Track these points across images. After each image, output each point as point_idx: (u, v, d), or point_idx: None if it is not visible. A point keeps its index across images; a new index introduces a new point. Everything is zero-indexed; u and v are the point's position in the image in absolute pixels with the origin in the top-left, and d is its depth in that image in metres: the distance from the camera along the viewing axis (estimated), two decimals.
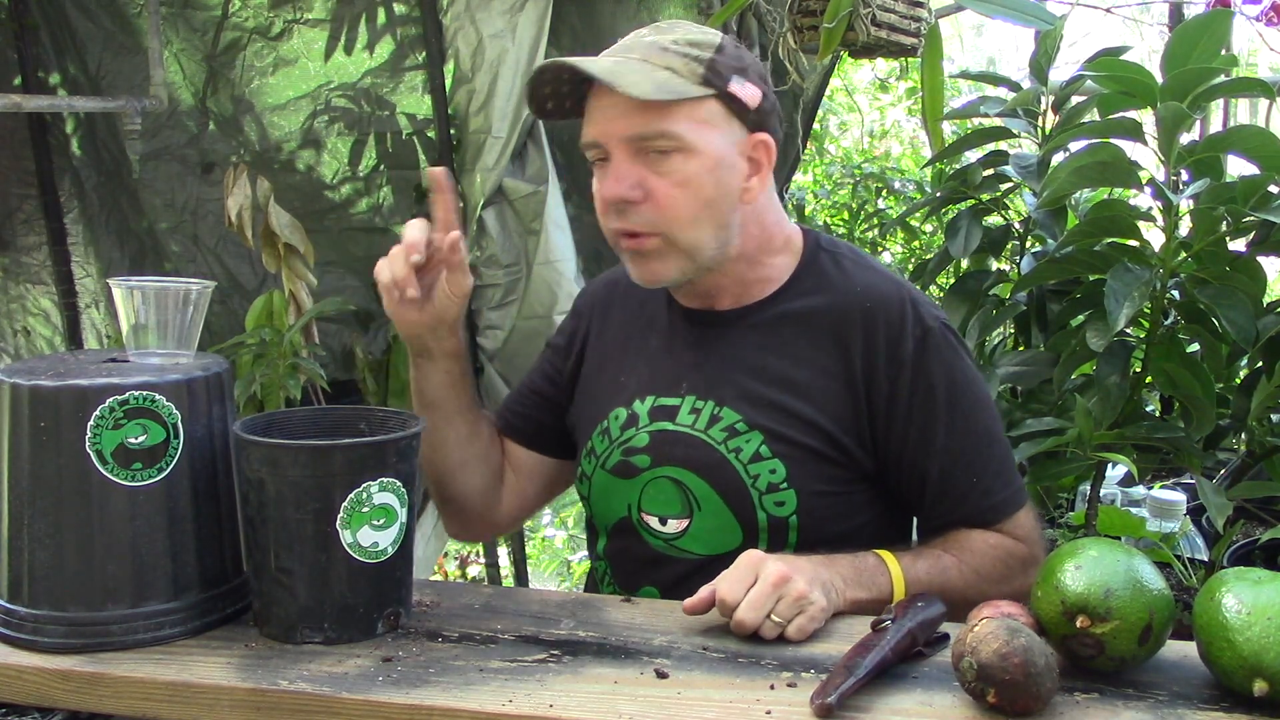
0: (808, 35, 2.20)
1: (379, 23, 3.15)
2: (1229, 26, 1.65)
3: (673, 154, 1.32)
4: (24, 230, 3.54)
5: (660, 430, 1.43)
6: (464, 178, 3.01)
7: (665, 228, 1.34)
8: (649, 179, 1.33)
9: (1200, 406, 1.63)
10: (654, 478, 1.43)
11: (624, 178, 1.33)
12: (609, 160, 1.35)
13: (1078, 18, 3.02)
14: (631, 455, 1.44)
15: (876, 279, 1.43)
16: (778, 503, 1.37)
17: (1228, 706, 1.02)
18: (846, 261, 1.46)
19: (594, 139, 1.35)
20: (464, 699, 1.03)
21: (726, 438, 1.39)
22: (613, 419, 1.47)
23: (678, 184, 1.33)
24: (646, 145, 1.32)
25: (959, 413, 1.38)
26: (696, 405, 1.42)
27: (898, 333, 1.38)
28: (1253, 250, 1.66)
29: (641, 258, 1.37)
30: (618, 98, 1.30)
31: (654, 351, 1.49)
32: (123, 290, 1.22)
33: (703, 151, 1.33)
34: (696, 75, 1.33)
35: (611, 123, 1.33)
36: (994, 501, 1.38)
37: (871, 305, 1.39)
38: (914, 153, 5.02)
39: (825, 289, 1.43)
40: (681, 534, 1.41)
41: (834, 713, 1.00)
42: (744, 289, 1.44)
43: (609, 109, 1.33)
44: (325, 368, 2.72)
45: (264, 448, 1.14)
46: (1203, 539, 2.21)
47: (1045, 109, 1.95)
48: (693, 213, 1.34)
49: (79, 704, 1.11)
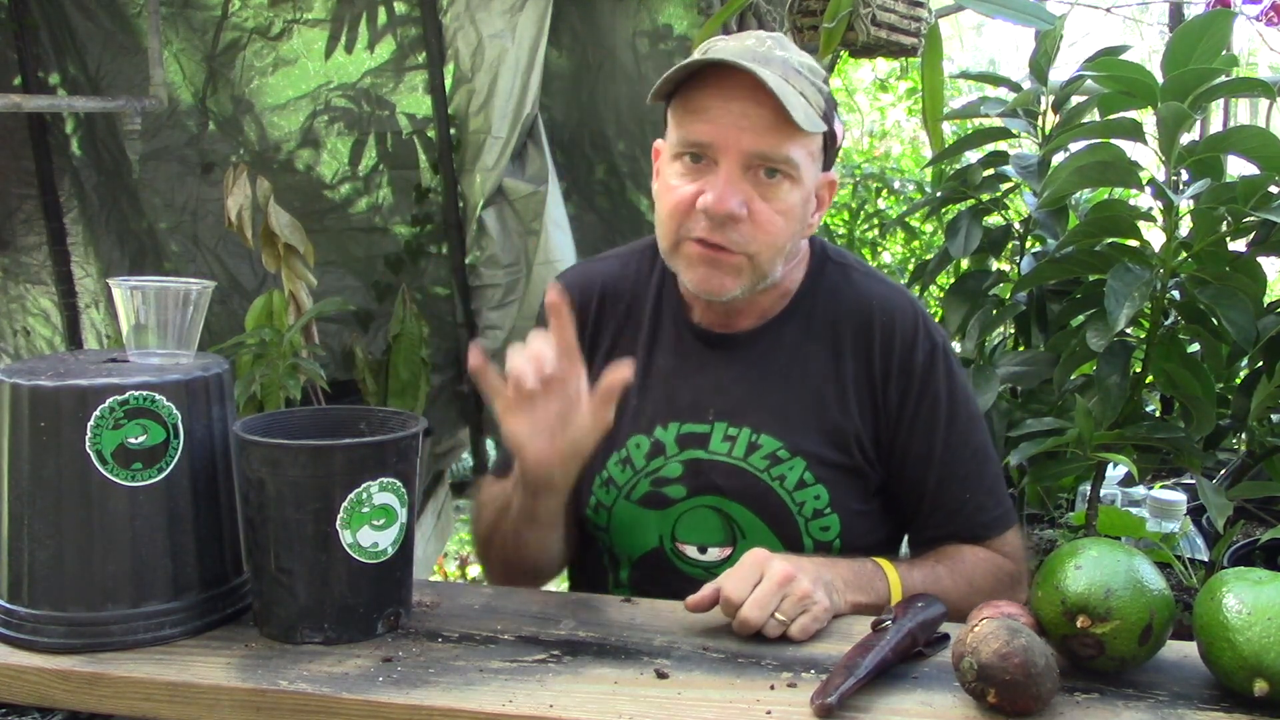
0: (808, 35, 2.20)
1: (379, 23, 3.15)
2: (1229, 26, 1.65)
3: (783, 180, 1.30)
4: (24, 230, 3.54)
5: (694, 459, 1.40)
6: (464, 178, 3.01)
7: (756, 250, 1.31)
8: (753, 199, 1.29)
9: (1200, 406, 1.63)
10: (691, 508, 1.40)
11: (736, 192, 1.28)
12: (716, 167, 1.29)
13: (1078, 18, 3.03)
14: (664, 486, 1.41)
15: (889, 291, 1.44)
16: (823, 528, 1.38)
17: (1228, 707, 1.02)
18: (856, 274, 1.46)
19: (710, 140, 1.28)
20: (464, 699, 1.03)
21: (769, 465, 1.38)
22: (633, 447, 1.42)
23: (780, 211, 1.31)
24: (763, 165, 1.29)
25: (957, 428, 1.40)
26: (730, 433, 1.40)
27: (910, 345, 1.39)
28: (1253, 250, 1.66)
29: (715, 269, 1.32)
30: (754, 109, 1.26)
31: (666, 373, 1.44)
32: (123, 290, 1.22)
33: (804, 184, 1.33)
34: (820, 109, 1.31)
35: (742, 133, 1.27)
36: (986, 519, 1.40)
37: (887, 318, 1.40)
38: (914, 152, 5.02)
39: (840, 302, 1.43)
40: (723, 562, 1.40)
41: (834, 713, 1.00)
42: (764, 310, 1.43)
43: (742, 118, 1.27)
44: (325, 368, 2.72)
45: (264, 448, 1.14)
46: (1203, 539, 2.21)
47: (1045, 109, 1.95)
48: (783, 241, 1.33)
49: (79, 704, 1.11)
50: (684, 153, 1.31)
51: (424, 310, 3.16)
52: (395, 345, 3.01)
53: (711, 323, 1.43)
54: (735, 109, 1.27)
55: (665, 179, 1.35)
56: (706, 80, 1.29)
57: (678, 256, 1.35)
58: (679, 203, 1.31)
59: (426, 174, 3.25)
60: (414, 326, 2.99)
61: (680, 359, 1.44)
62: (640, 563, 1.44)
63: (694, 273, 1.33)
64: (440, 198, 3.22)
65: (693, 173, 1.31)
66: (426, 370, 3.01)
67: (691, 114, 1.30)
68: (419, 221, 3.29)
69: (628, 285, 1.49)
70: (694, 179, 1.30)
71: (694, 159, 1.30)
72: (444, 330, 3.27)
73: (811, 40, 2.19)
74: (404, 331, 2.99)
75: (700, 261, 1.32)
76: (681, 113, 1.32)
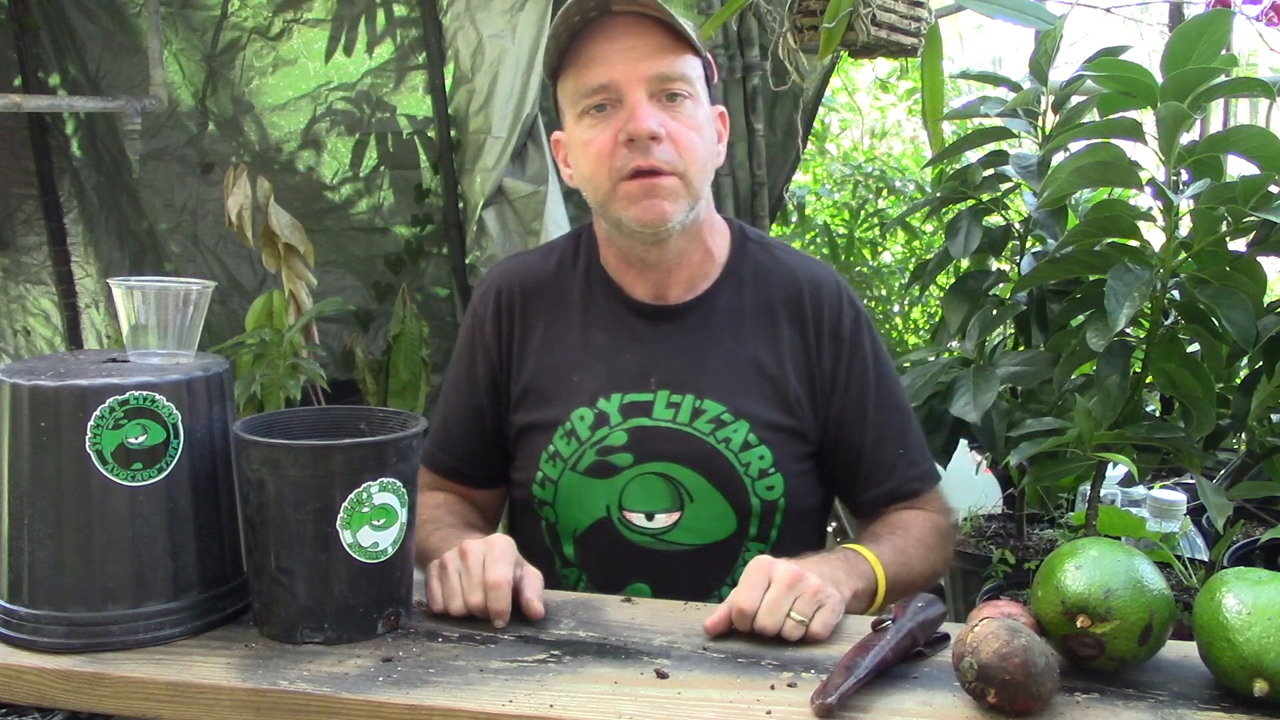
0: (808, 35, 2.19)
1: (379, 23, 3.15)
2: (1229, 26, 1.65)
3: (685, 100, 1.38)
4: (24, 230, 3.54)
5: (638, 427, 1.44)
6: (464, 178, 3.01)
7: (684, 168, 1.37)
8: (666, 121, 1.36)
9: (1200, 406, 1.63)
10: (638, 474, 1.44)
11: (650, 114, 1.35)
12: (621, 105, 1.36)
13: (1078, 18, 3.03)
14: (610, 455, 1.44)
15: (812, 264, 1.54)
16: (768, 487, 1.43)
17: (1228, 707, 1.02)
18: (778, 250, 1.54)
19: (609, 80, 1.35)
20: (464, 699, 1.03)
21: (714, 429, 1.43)
22: (577, 420, 1.46)
23: (691, 128, 1.38)
24: (665, 89, 1.36)
25: (885, 389, 1.49)
26: (673, 400, 1.44)
27: (837, 312, 1.49)
28: (1253, 250, 1.66)
29: (656, 195, 1.37)
30: (637, 40, 1.34)
31: (606, 348, 1.48)
32: (123, 290, 1.22)
33: (703, 103, 1.41)
34: (694, 35, 1.38)
35: (634, 64, 1.35)
36: (918, 473, 1.49)
37: (814, 288, 1.49)
38: (915, 152, 5.02)
39: (768, 274, 1.50)
40: (671, 527, 1.44)
41: (834, 713, 1.00)
42: (694, 274, 1.48)
43: (630, 51, 1.35)
44: (325, 368, 2.72)
45: (264, 448, 1.14)
46: (1203, 539, 2.21)
47: (1045, 109, 1.95)
48: (703, 157, 1.40)
49: (79, 704, 1.11)
50: (589, 106, 1.38)
51: (424, 310, 3.16)
52: (395, 345, 3.01)
53: (645, 294, 1.48)
54: (622, 45, 1.35)
55: (578, 141, 1.40)
56: (585, 37, 1.37)
57: (615, 199, 1.39)
58: (601, 148, 1.37)
59: (427, 174, 3.25)
60: (414, 326, 3.00)
61: (618, 334, 1.48)
62: (586, 535, 1.46)
63: (635, 207, 1.38)
64: (440, 199, 3.23)
65: (602, 121, 1.37)
66: (426, 370, 3.01)
67: (585, 67, 1.37)
68: (419, 222, 3.29)
69: (552, 273, 1.54)
70: (605, 124, 1.37)
71: (599, 109, 1.37)
72: (444, 330, 3.27)
73: (811, 40, 2.19)
74: (404, 331, 2.99)
75: (640, 194, 1.37)
76: (574, 72, 1.38)
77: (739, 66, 2.94)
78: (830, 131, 4.92)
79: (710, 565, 1.45)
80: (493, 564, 1.20)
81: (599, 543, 1.44)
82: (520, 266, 1.57)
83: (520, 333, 1.52)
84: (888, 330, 3.97)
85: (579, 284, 1.52)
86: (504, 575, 1.19)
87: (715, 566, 1.45)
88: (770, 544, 1.46)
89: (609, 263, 1.51)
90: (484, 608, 1.19)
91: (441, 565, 1.24)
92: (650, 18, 1.36)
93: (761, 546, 1.45)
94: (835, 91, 4.81)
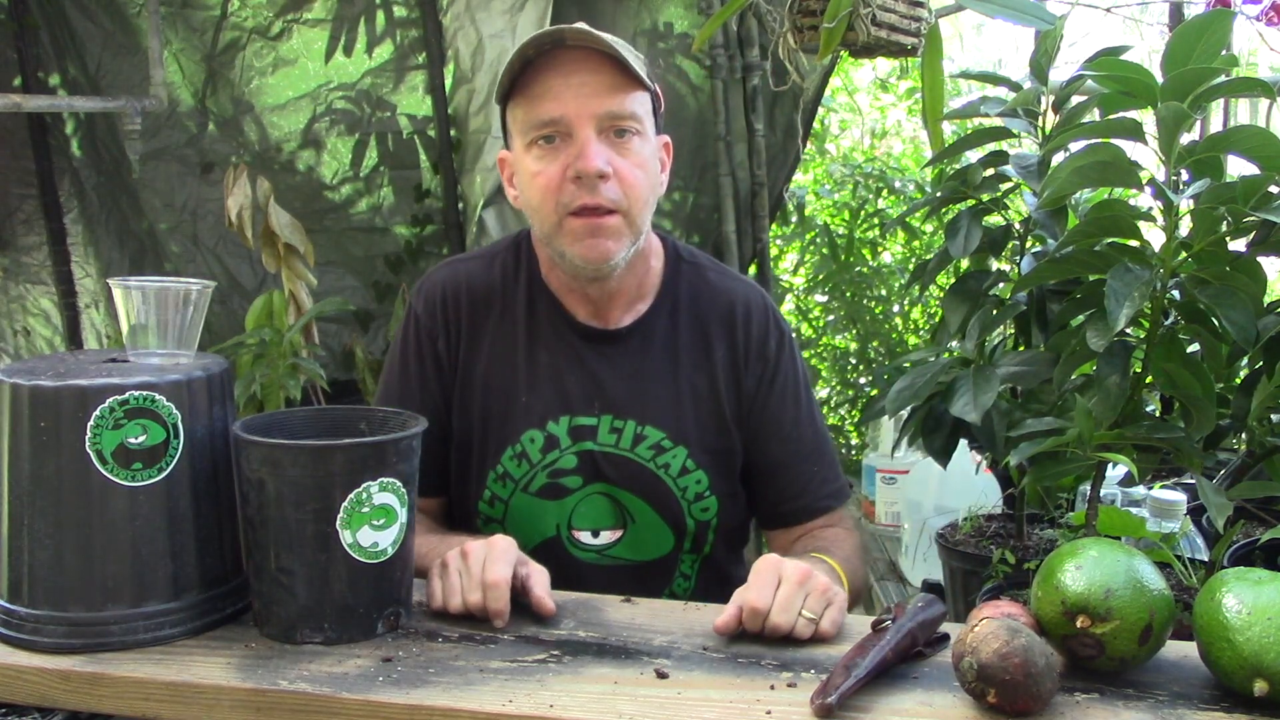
0: (808, 35, 2.19)
1: (379, 23, 3.15)
2: (1229, 26, 1.65)
3: (633, 136, 1.38)
4: (24, 230, 3.54)
5: (585, 450, 1.47)
6: (464, 178, 3.01)
7: (628, 206, 1.38)
8: (614, 158, 1.37)
9: (1200, 406, 1.63)
10: (586, 495, 1.48)
11: (598, 152, 1.35)
12: (571, 139, 1.36)
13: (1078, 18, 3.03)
14: (560, 477, 1.48)
15: (743, 287, 1.57)
16: (704, 509, 1.49)
17: (1228, 707, 1.02)
18: (711, 273, 1.56)
19: (559, 115, 1.36)
20: (464, 699, 1.03)
21: (654, 455, 1.48)
22: (527, 442, 1.48)
23: (638, 164, 1.39)
24: (613, 125, 1.36)
25: (804, 408, 1.54)
26: (615, 425, 1.48)
27: (764, 333, 1.52)
28: (1253, 250, 1.65)
29: (601, 235, 1.38)
30: (589, 77, 1.34)
31: (551, 369, 1.49)
32: (123, 290, 1.22)
33: (650, 139, 1.42)
34: (643, 66, 1.39)
35: (585, 100, 1.35)
36: (831, 489, 1.54)
37: (745, 310, 1.52)
38: (915, 152, 5.02)
39: (701, 297, 1.52)
40: (614, 543, 1.51)
41: (834, 713, 1.00)
42: (633, 297, 1.50)
43: (582, 87, 1.35)
44: (325, 368, 2.72)
45: (264, 448, 1.14)
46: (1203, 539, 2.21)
47: (1045, 109, 1.95)
48: (646, 194, 1.41)
49: (79, 704, 1.11)
50: (538, 137, 1.38)
51: None
52: None
53: (587, 316, 1.50)
54: (575, 80, 1.36)
55: (526, 170, 1.41)
56: (539, 67, 1.37)
57: (560, 234, 1.40)
58: (548, 182, 1.38)
59: (427, 174, 3.25)
60: None
61: (561, 354, 1.50)
62: (533, 552, 1.45)
63: (579, 245, 1.39)
64: (440, 199, 3.23)
65: (550, 153, 1.38)
66: None
67: (537, 99, 1.37)
68: (419, 222, 3.29)
69: (496, 284, 1.54)
70: (553, 158, 1.37)
71: (548, 140, 1.38)
72: None
73: (811, 40, 2.19)
74: None
75: (585, 233, 1.38)
76: (525, 102, 1.38)
77: (739, 66, 2.94)
78: (830, 131, 4.92)
79: (650, 577, 1.51)
80: (492, 564, 1.20)
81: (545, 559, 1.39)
82: (464, 274, 1.55)
83: (467, 344, 1.52)
84: (888, 330, 3.97)
85: (523, 298, 1.52)
86: (503, 575, 1.19)
87: (654, 579, 1.52)
88: (703, 555, 1.53)
89: (550, 282, 1.52)
90: (483, 607, 1.19)
91: (443, 564, 1.24)
92: (602, 53, 1.36)
93: (695, 558, 1.53)
94: (835, 91, 4.82)
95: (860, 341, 3.91)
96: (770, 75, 2.95)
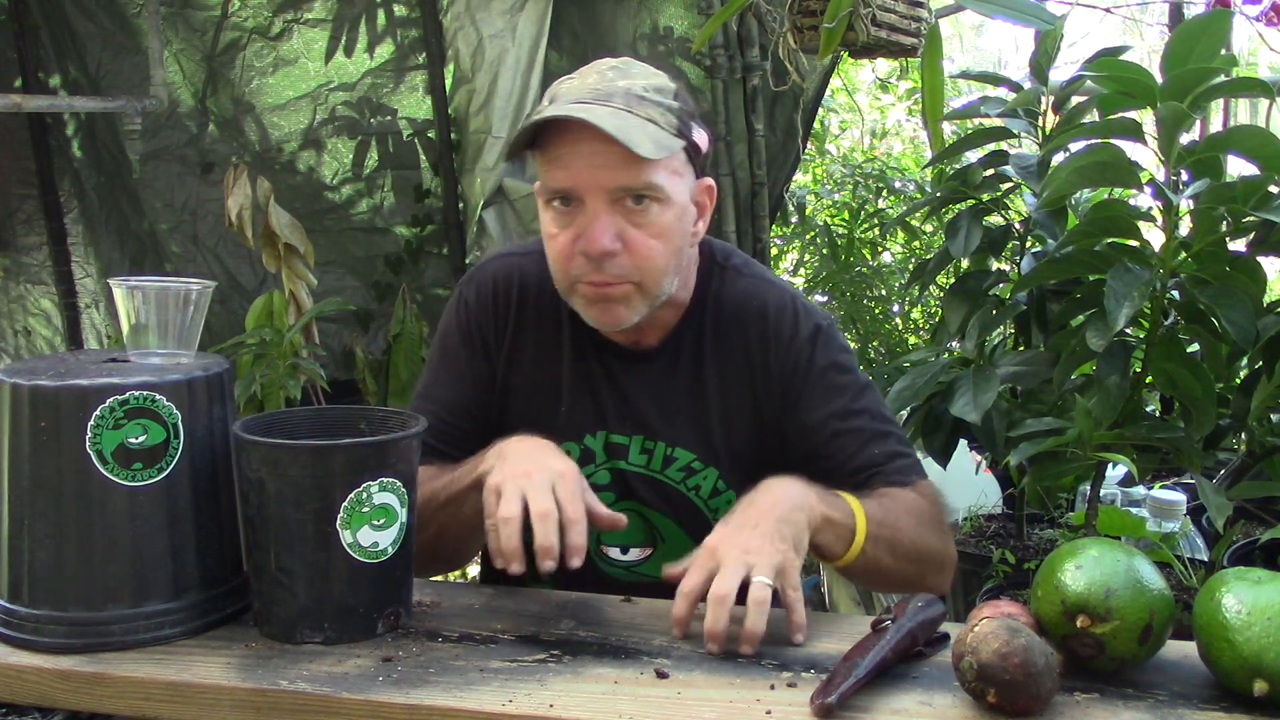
0: (808, 35, 2.20)
1: (379, 24, 3.15)
2: (1229, 26, 1.65)
3: (651, 203, 1.32)
4: (24, 230, 3.54)
5: (617, 468, 1.46)
6: (464, 178, 3.02)
7: (640, 277, 1.33)
8: (626, 229, 1.31)
9: (1200, 406, 1.63)
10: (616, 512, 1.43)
11: (606, 229, 1.30)
12: (582, 206, 1.31)
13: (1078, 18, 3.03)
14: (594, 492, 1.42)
15: (767, 287, 1.49)
16: None
17: (1228, 707, 1.02)
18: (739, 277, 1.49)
19: (571, 185, 1.30)
20: (464, 699, 1.03)
21: (685, 477, 1.45)
22: None
23: (655, 234, 1.33)
24: (627, 195, 1.30)
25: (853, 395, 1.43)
26: (646, 446, 1.45)
27: (793, 331, 1.45)
28: (1253, 250, 1.66)
29: (607, 303, 1.34)
30: (603, 147, 1.27)
31: (591, 381, 1.46)
32: (123, 290, 1.22)
33: (674, 201, 1.34)
34: (673, 126, 1.32)
35: (597, 172, 1.29)
36: (903, 464, 1.41)
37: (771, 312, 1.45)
38: (915, 152, 5.02)
39: (728, 305, 1.47)
40: (643, 561, 1.48)
41: (834, 713, 1.00)
42: (666, 322, 1.46)
43: (593, 157, 1.28)
44: (325, 368, 2.72)
45: (264, 448, 1.14)
46: (1203, 539, 2.21)
47: (1045, 109, 1.95)
48: (665, 261, 1.35)
49: (79, 704, 1.11)
50: (552, 199, 1.34)
51: (424, 310, 3.16)
52: (395, 345, 3.01)
53: (620, 338, 1.46)
54: (585, 150, 1.28)
55: (544, 226, 1.37)
56: (556, 128, 1.30)
57: (573, 297, 1.38)
58: (561, 249, 1.34)
59: (427, 174, 3.25)
60: (414, 326, 3.00)
61: (600, 369, 1.47)
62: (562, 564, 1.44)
63: (590, 311, 1.37)
64: (440, 200, 3.23)
65: (565, 216, 1.33)
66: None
67: (550, 163, 1.32)
68: (419, 222, 3.30)
69: (548, 289, 1.47)
70: (568, 223, 1.33)
71: (563, 203, 1.32)
72: None
73: (811, 40, 2.19)
74: (404, 331, 2.99)
75: (594, 300, 1.35)
76: (542, 163, 1.33)
77: (739, 66, 2.94)
78: (830, 132, 4.92)
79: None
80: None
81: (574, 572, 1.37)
82: (517, 269, 1.51)
83: (512, 342, 1.49)
84: (888, 330, 3.97)
85: (566, 306, 1.46)
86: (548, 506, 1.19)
87: None
88: None
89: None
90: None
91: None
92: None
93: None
94: (835, 91, 4.81)
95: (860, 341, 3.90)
96: (770, 75, 2.95)
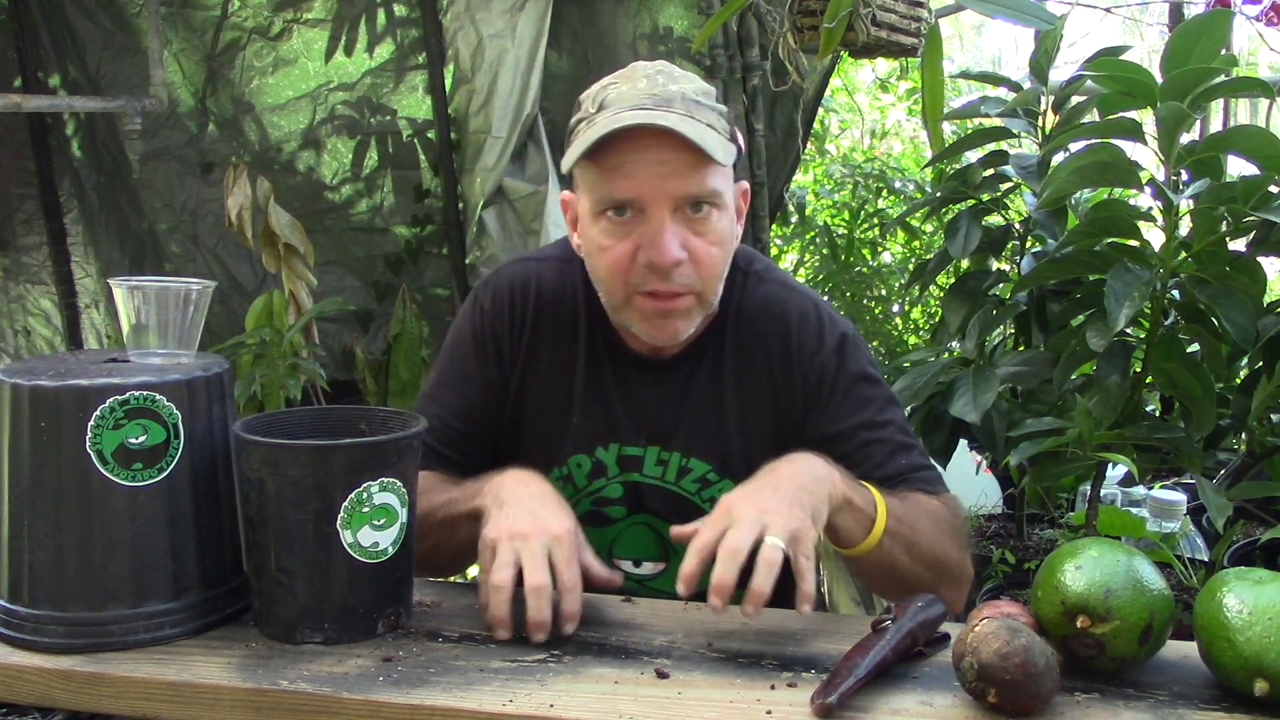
0: (808, 35, 2.20)
1: (379, 23, 3.15)
2: (1229, 26, 1.65)
3: (711, 210, 1.29)
4: (24, 230, 3.55)
5: (631, 481, 1.43)
6: (464, 178, 3.01)
7: (702, 286, 1.31)
8: (688, 238, 1.28)
9: (1200, 406, 1.63)
10: (629, 525, 1.44)
11: (674, 238, 1.27)
12: (644, 216, 1.27)
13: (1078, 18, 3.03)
14: (605, 505, 1.43)
15: (786, 294, 1.45)
16: None
17: (1228, 707, 1.02)
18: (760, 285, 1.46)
19: (637, 195, 1.26)
20: (464, 699, 1.03)
21: (700, 489, 1.42)
22: (574, 466, 1.43)
23: (714, 242, 1.30)
24: (689, 203, 1.27)
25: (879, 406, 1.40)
26: (662, 457, 1.42)
27: (817, 341, 1.41)
28: (1253, 250, 1.66)
29: (670, 316, 1.32)
30: (671, 155, 1.24)
31: (605, 393, 1.43)
32: (123, 290, 1.22)
33: (729, 207, 1.32)
34: (726, 132, 1.30)
35: (665, 180, 1.25)
36: (926, 476, 1.39)
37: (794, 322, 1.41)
38: (915, 152, 5.02)
39: (748, 314, 1.43)
40: (657, 575, 1.46)
41: (834, 713, 1.00)
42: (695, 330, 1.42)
43: (661, 165, 1.25)
44: (325, 368, 2.73)
45: (264, 448, 1.14)
46: (1203, 539, 2.22)
47: (1045, 109, 1.95)
48: (722, 269, 1.33)
49: (79, 704, 1.11)
50: (609, 209, 1.29)
51: (424, 310, 3.16)
52: (395, 345, 3.02)
53: (640, 348, 1.43)
54: (652, 159, 1.25)
55: (594, 239, 1.32)
56: (614, 136, 1.24)
57: (628, 311, 1.34)
58: (617, 262, 1.30)
59: (427, 174, 3.25)
60: (414, 326, 3.00)
61: (615, 380, 1.44)
62: None
63: (647, 324, 1.33)
64: (440, 200, 3.23)
65: (621, 228, 1.29)
66: (426, 370, 3.02)
67: (609, 172, 1.27)
68: (419, 222, 3.30)
69: (566, 297, 1.46)
70: (624, 234, 1.29)
71: (618, 212, 1.28)
72: (444, 330, 3.26)
73: (811, 40, 2.19)
74: (404, 331, 2.99)
75: (654, 314, 1.32)
76: (596, 172, 1.28)
77: (739, 66, 2.94)
78: (830, 132, 4.92)
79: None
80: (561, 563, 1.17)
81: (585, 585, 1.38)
82: (535, 276, 1.47)
83: (527, 351, 1.45)
84: (888, 330, 3.97)
85: (584, 317, 1.45)
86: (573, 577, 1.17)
87: None
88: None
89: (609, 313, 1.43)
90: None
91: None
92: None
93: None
94: (835, 91, 4.82)
95: None
96: (770, 75, 2.95)
